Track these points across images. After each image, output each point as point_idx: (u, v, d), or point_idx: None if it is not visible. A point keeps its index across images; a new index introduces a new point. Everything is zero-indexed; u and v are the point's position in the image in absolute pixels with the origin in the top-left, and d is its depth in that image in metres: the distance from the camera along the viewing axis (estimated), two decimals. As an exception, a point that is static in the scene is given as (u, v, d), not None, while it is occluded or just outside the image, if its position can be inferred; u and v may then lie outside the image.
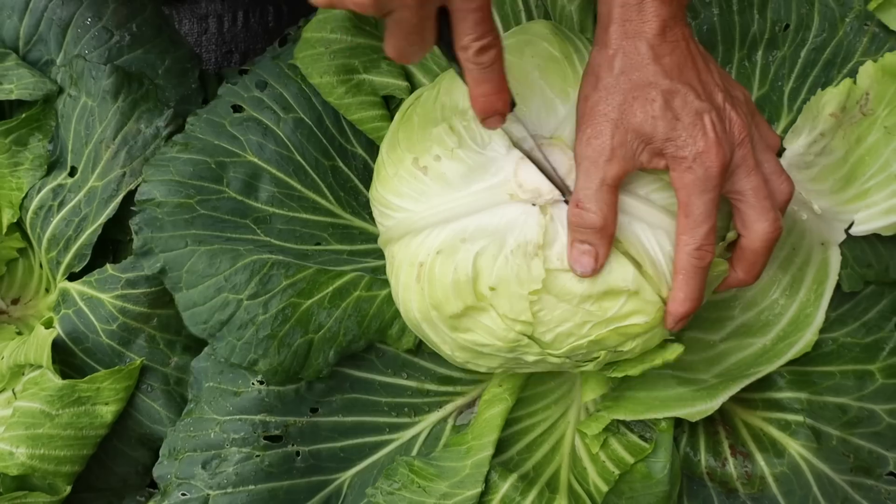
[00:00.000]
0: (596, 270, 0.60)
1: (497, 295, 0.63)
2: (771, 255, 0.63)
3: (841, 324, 0.80)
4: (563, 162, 0.64)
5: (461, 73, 0.59)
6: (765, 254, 0.62)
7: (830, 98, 0.71)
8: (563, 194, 0.63)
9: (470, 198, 0.64)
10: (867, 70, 0.76)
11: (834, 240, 0.77)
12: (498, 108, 0.60)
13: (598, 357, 0.66)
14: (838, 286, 0.77)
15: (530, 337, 0.64)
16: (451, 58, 0.58)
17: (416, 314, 0.69)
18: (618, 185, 0.60)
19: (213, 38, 1.02)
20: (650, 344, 0.67)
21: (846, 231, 0.77)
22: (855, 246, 0.78)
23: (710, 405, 0.73)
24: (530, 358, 0.67)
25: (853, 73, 0.78)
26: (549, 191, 0.62)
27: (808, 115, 0.72)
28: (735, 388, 0.74)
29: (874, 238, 0.77)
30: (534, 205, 0.62)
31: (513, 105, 0.62)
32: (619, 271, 0.62)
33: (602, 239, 0.60)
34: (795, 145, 0.72)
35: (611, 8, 0.60)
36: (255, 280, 0.78)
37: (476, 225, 0.64)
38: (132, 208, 0.79)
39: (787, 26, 0.82)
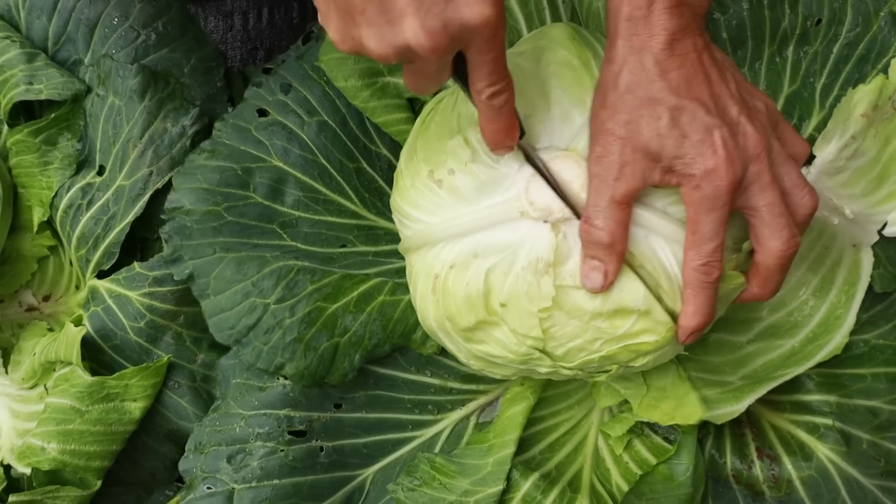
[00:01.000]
0: (605, 287, 0.60)
1: (508, 311, 0.64)
2: (787, 271, 0.61)
3: (873, 325, 0.79)
4: (578, 175, 0.63)
5: (472, 101, 0.61)
6: (779, 271, 0.61)
7: (862, 97, 0.69)
8: (576, 211, 0.63)
9: (483, 213, 0.64)
10: None
11: (866, 241, 0.76)
12: (506, 143, 0.62)
13: (611, 370, 0.66)
14: (870, 287, 0.75)
15: (542, 351, 0.65)
16: (465, 90, 0.60)
17: (433, 323, 0.69)
18: (629, 202, 0.59)
19: (238, 35, 1.02)
20: (663, 359, 0.67)
21: (879, 232, 0.75)
22: (888, 246, 0.76)
23: (737, 407, 0.73)
24: (543, 370, 0.67)
25: (887, 69, 0.76)
26: (559, 209, 0.62)
27: (838, 117, 0.70)
28: (762, 391, 0.74)
29: (908, 239, 0.76)
30: (545, 222, 0.62)
31: (522, 134, 0.63)
32: (631, 291, 0.61)
33: (611, 255, 0.59)
34: (825, 152, 0.70)
35: (617, 21, 0.58)
36: (282, 285, 0.79)
37: (488, 241, 0.63)
38: (162, 216, 0.80)
39: (819, 21, 0.80)
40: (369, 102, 0.84)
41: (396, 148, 0.87)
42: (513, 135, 0.61)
